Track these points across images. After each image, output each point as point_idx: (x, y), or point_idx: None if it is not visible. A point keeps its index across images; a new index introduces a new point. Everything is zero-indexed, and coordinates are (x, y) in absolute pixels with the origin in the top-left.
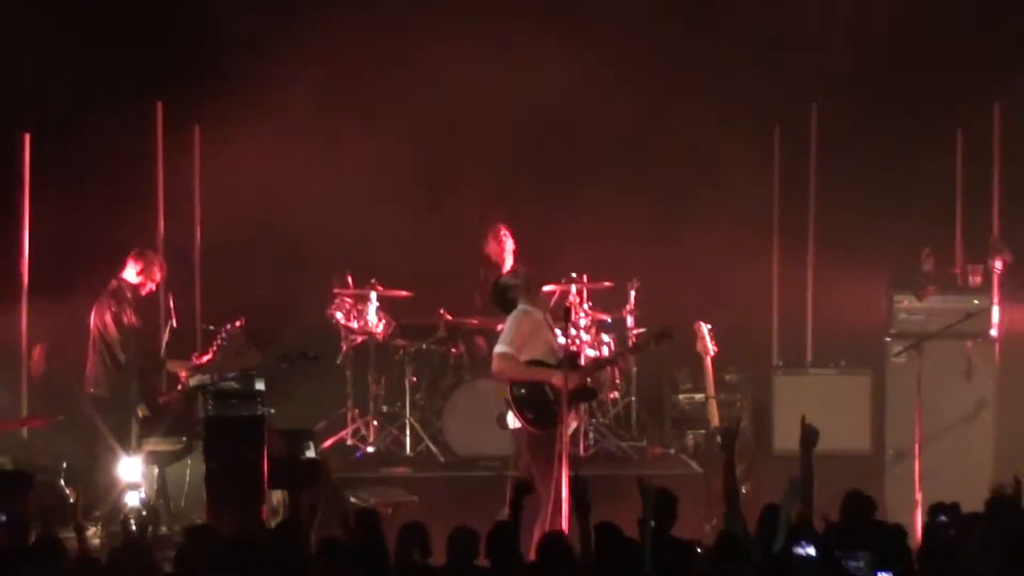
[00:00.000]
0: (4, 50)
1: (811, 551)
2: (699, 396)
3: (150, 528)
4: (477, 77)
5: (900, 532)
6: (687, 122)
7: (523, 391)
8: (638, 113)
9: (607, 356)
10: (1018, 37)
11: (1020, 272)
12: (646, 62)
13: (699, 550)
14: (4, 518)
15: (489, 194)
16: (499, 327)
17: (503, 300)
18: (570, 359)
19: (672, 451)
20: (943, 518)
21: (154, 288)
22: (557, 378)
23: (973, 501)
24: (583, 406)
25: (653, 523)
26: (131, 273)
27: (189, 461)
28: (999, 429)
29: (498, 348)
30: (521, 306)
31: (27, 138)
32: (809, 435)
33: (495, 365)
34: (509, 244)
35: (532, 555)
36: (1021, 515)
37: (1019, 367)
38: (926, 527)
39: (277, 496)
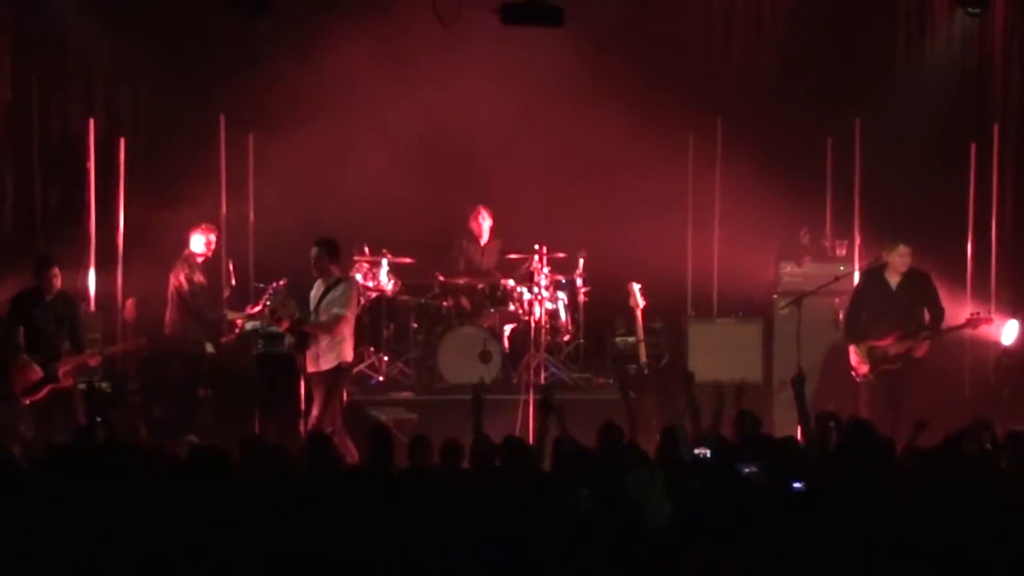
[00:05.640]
0: (109, 73)
1: (707, 452)
2: (632, 339)
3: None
4: (466, 91)
5: (793, 442)
6: (624, 130)
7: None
8: (588, 121)
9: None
10: (874, 68)
11: (876, 248)
12: (594, 85)
13: None
14: (100, 419)
15: (474, 183)
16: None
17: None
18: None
19: (611, 381)
20: (831, 424)
21: (210, 253)
22: None
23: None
24: None
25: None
26: (196, 244)
27: None
28: None
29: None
30: None
31: (123, 142)
32: (687, 377)
33: None
34: (487, 222)
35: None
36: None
37: None
38: (814, 432)
39: None
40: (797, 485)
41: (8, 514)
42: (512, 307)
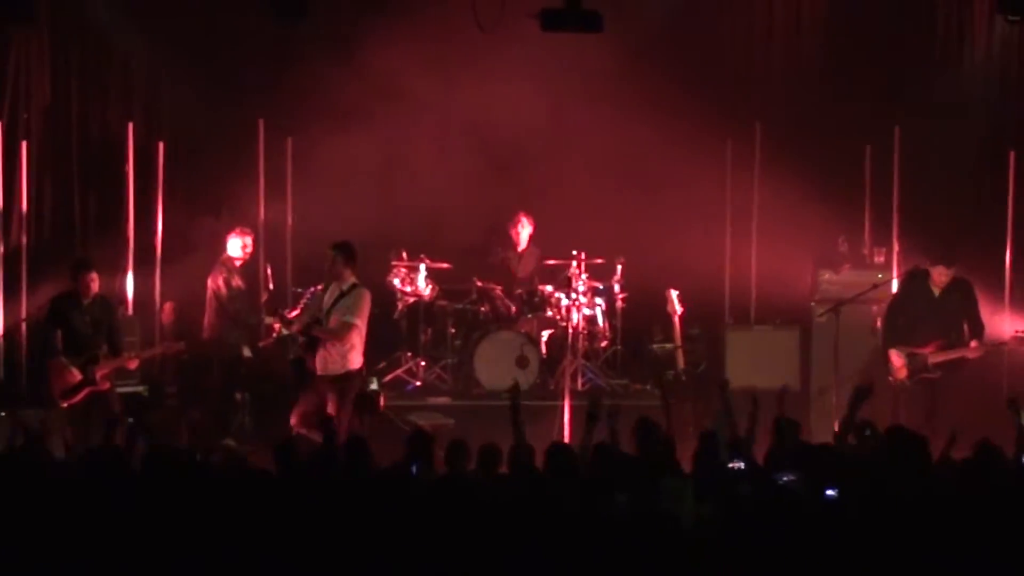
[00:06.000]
0: (148, 77)
1: (741, 465)
2: (669, 345)
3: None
4: (505, 97)
5: (828, 449)
6: (663, 136)
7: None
8: (627, 128)
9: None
10: (913, 76)
11: (915, 256)
12: (633, 90)
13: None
14: (132, 420)
15: (513, 188)
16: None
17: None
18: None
19: (648, 387)
20: (867, 432)
21: (247, 257)
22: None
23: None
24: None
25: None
26: (232, 248)
27: None
28: None
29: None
30: None
31: (161, 145)
32: (723, 384)
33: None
34: (527, 229)
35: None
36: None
37: None
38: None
39: None
40: (830, 492)
41: (47, 516)
42: (550, 313)
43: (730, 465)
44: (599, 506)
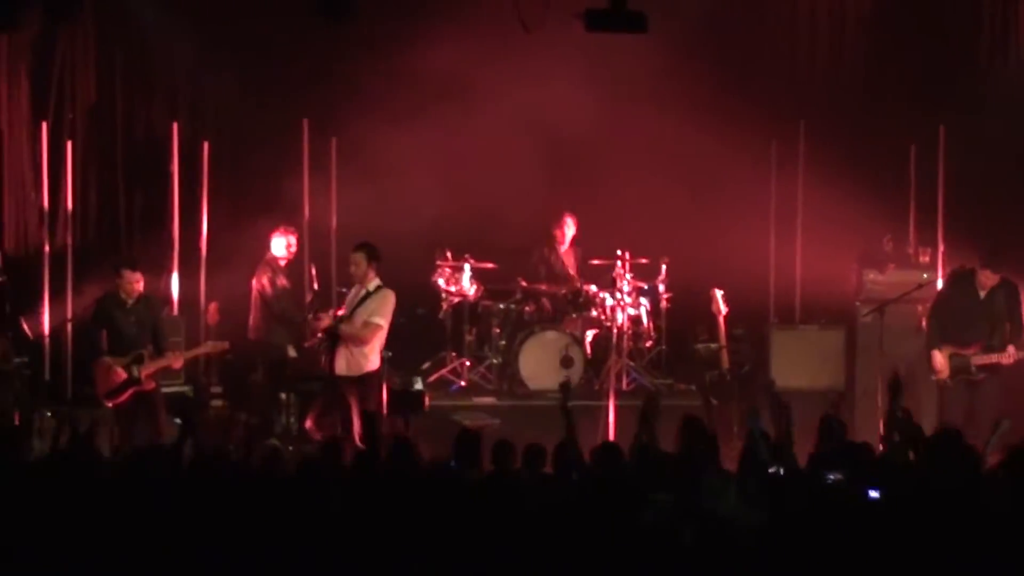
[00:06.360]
0: (192, 77)
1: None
2: (714, 345)
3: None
4: (549, 97)
5: (869, 447)
6: (708, 136)
7: None
8: (672, 127)
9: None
10: (958, 75)
11: (960, 255)
12: (678, 90)
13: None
14: (179, 421)
15: (557, 188)
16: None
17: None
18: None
19: (692, 387)
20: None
21: (291, 256)
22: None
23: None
24: None
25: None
26: (277, 247)
27: None
28: None
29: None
30: None
31: (206, 145)
32: (768, 384)
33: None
34: (571, 230)
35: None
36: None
37: None
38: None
39: None
40: (874, 494)
41: (94, 515)
42: (594, 313)
43: (770, 470)
44: (640, 505)
